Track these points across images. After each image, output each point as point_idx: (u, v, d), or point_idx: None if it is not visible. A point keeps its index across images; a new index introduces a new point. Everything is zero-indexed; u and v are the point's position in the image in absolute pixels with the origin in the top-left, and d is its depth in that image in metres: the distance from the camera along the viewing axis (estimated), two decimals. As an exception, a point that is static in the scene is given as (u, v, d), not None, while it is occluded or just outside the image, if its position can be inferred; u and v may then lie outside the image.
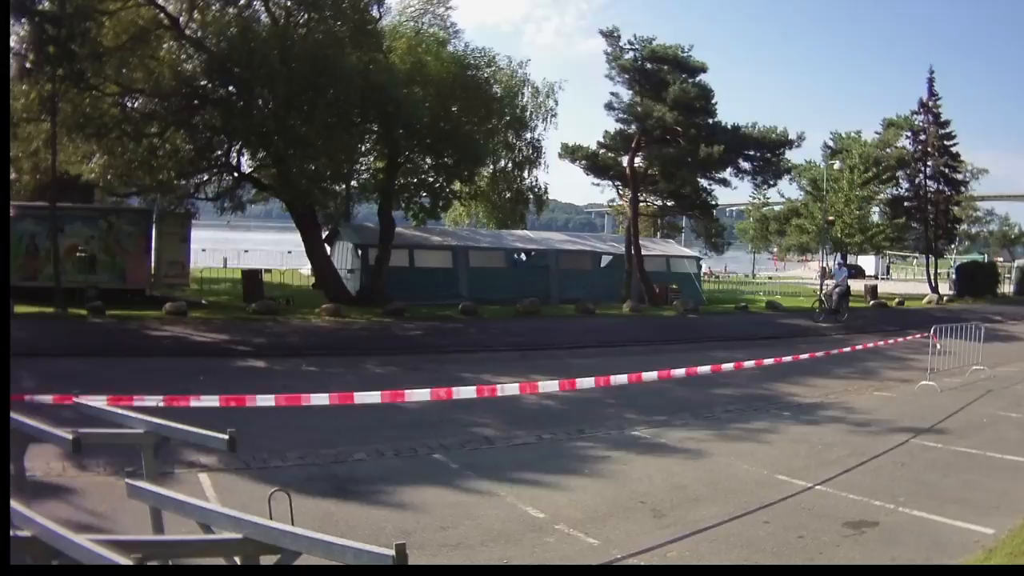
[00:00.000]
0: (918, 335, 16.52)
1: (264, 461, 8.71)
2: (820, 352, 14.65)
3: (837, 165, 43.21)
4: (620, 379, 9.69)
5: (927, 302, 39.77)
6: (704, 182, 36.62)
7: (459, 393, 8.99)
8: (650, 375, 9.85)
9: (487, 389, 9.25)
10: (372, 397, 7.95)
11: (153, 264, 23.47)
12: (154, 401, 7.29)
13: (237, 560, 3.44)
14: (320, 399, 7.94)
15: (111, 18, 20.00)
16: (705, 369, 11.28)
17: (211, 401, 7.70)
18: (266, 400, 7.94)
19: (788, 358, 14.18)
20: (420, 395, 8.71)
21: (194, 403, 7.59)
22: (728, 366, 11.38)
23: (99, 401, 5.98)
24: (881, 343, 18.37)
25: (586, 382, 9.45)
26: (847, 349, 16.23)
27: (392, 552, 3.02)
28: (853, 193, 40.92)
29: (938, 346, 14.74)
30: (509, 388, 9.51)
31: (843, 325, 26.62)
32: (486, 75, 27.63)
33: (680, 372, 10.56)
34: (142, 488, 4.09)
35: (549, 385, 9.99)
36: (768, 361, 12.65)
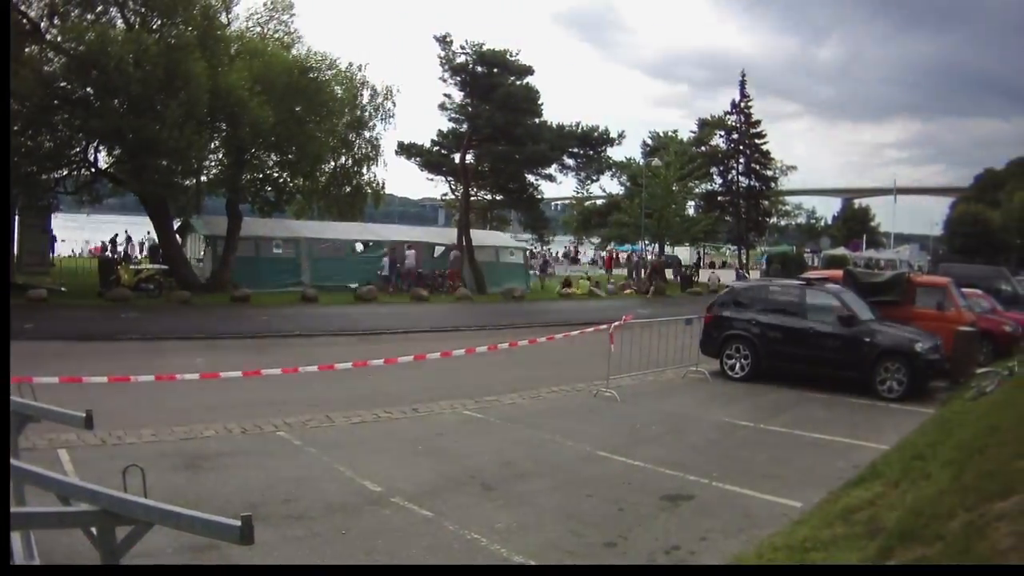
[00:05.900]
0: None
1: (119, 438, 9.73)
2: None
3: (656, 162, 49.71)
4: (433, 356, 13.07)
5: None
6: (531, 177, 42.86)
7: (269, 372, 11.94)
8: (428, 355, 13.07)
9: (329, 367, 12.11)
10: (231, 375, 10.59)
11: (16, 254, 26.69)
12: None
13: (94, 531, 3.68)
14: (146, 377, 10.64)
15: (-25, 23, 23.07)
16: (483, 348, 14.35)
17: (44, 378, 8.91)
18: (100, 378, 10.33)
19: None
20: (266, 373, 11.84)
21: (48, 381, 9.10)
22: (506, 345, 14.63)
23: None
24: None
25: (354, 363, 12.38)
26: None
27: (238, 523, 3.39)
28: (670, 188, 47.42)
29: (613, 348, 14.40)
30: (310, 368, 12.37)
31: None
32: (327, 77, 32.19)
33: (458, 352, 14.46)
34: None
35: (346, 365, 12.33)
36: (543, 339, 15.31)
